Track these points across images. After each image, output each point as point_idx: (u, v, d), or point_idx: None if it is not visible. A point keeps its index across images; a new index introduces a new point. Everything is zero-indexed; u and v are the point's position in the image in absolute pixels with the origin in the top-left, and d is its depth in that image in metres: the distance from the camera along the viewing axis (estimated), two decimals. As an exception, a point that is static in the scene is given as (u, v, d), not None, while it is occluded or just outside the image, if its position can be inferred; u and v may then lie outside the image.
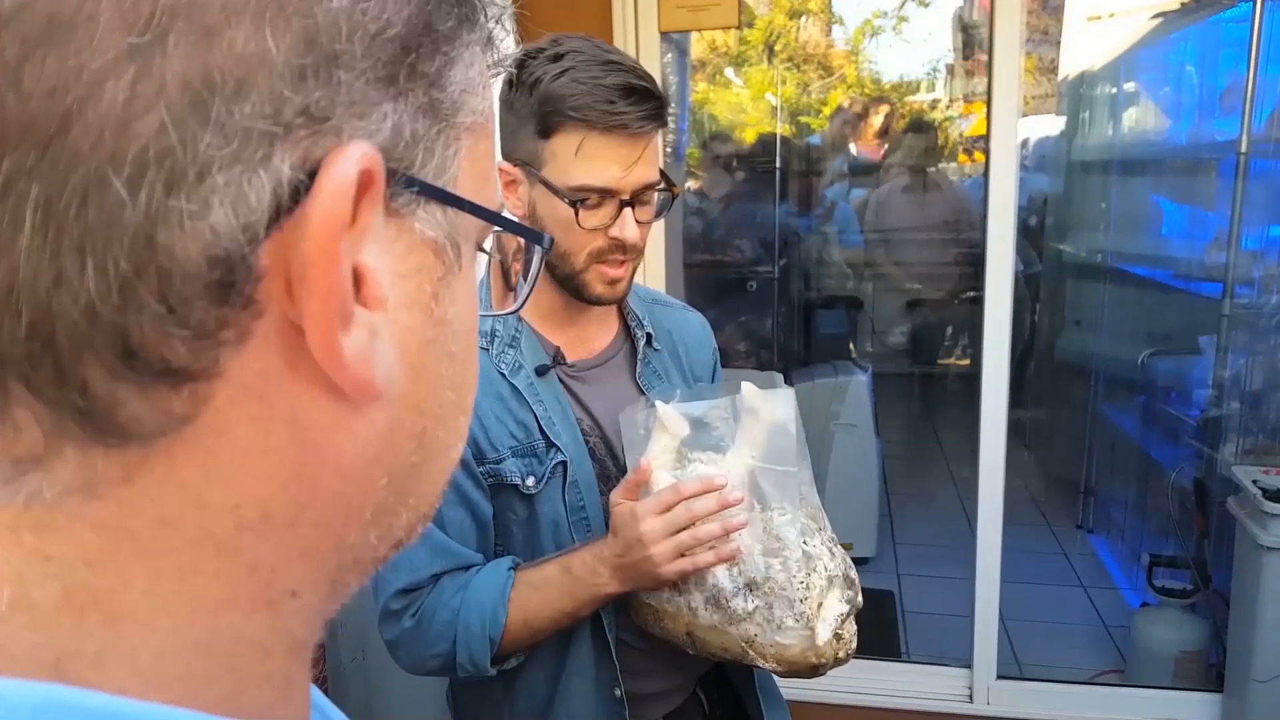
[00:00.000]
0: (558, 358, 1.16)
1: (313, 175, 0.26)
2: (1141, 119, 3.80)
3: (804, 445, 1.11)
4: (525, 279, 0.41)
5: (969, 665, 2.51)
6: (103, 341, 0.24)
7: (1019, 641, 2.87)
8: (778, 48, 6.13)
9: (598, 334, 1.21)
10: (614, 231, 1.06)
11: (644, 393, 1.19)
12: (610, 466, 1.18)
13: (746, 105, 5.90)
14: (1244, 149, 2.71)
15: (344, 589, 0.33)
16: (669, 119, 1.11)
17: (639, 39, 2.40)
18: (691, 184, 4.31)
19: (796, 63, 6.24)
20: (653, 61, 2.43)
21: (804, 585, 1.03)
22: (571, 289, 1.11)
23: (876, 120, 5.68)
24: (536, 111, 1.04)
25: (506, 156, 1.11)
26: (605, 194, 1.05)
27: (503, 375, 1.13)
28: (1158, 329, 3.36)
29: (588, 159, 1.03)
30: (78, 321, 0.24)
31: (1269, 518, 2.23)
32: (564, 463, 1.13)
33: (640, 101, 1.02)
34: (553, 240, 0.39)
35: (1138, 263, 3.52)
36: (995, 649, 2.49)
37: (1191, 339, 3.07)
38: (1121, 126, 3.86)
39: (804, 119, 5.97)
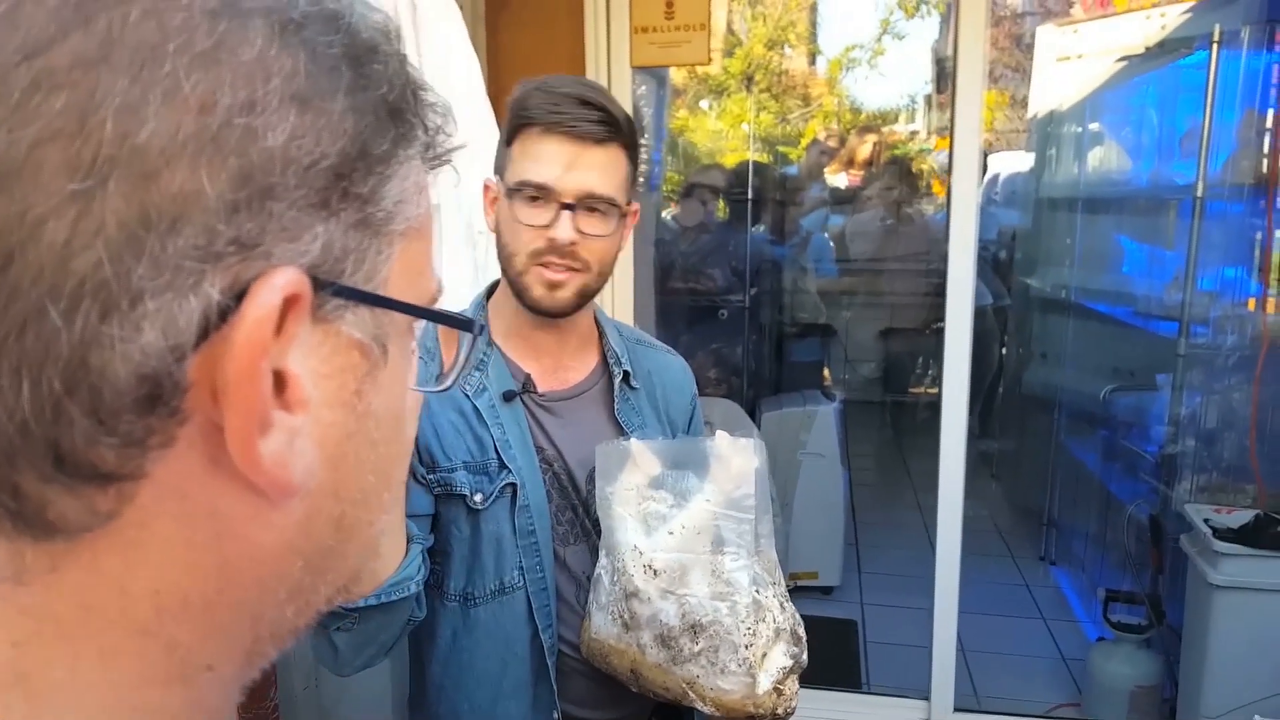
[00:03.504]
0: (527, 385, 1.18)
1: (240, 297, 0.27)
2: (1106, 159, 3.88)
3: (767, 498, 1.11)
4: (456, 363, 0.42)
5: (927, 697, 2.54)
6: (35, 451, 0.26)
7: (979, 673, 2.89)
8: (757, 77, 6.20)
9: (573, 366, 1.22)
10: (550, 232, 1.09)
11: (623, 429, 1.21)
12: (573, 497, 1.19)
13: (725, 133, 5.96)
14: (1200, 193, 2.77)
15: (261, 658, 0.35)
16: (639, 147, 1.15)
17: (611, 73, 2.44)
18: (665, 213, 4.35)
19: (774, 93, 6.32)
20: (624, 95, 2.47)
21: (750, 632, 1.04)
22: (518, 294, 1.14)
23: (863, 150, 5.76)
24: (507, 122, 1.13)
25: (495, 173, 1.17)
26: (543, 190, 1.08)
27: (465, 395, 1.15)
28: (1120, 365, 3.42)
29: (531, 156, 1.09)
30: (12, 435, 0.25)
31: (1219, 556, 2.27)
32: (513, 485, 1.14)
33: (587, 108, 1.08)
34: (484, 326, 0.41)
35: (1100, 299, 3.58)
36: (952, 680, 2.52)
37: (1151, 376, 3.12)
38: (1087, 165, 3.93)
39: (782, 148, 6.04)
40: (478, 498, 1.14)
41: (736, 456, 1.09)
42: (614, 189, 1.11)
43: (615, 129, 1.10)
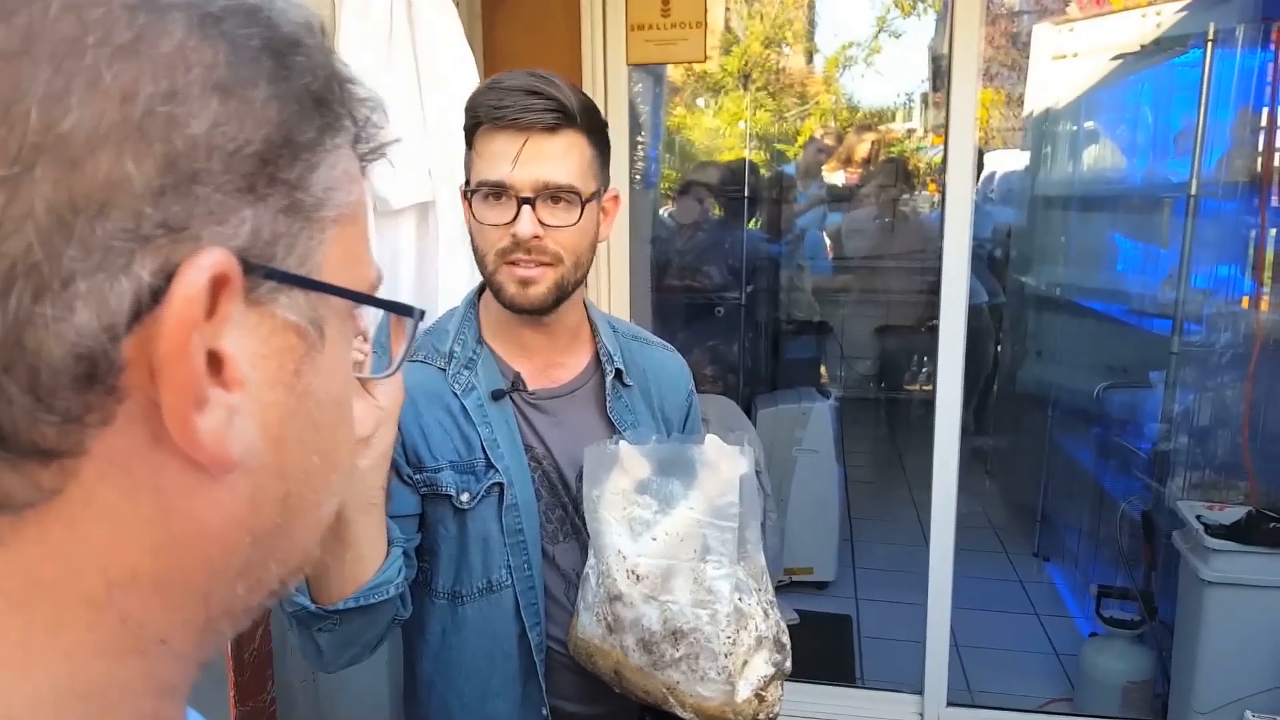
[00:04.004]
0: (516, 384, 1.18)
1: (170, 278, 0.28)
2: (1100, 157, 3.89)
3: (757, 503, 1.10)
4: (405, 349, 0.43)
5: (920, 692, 2.55)
6: None
7: (973, 668, 2.90)
8: (754, 75, 6.21)
9: (565, 364, 1.22)
10: (513, 228, 1.07)
11: (616, 428, 1.20)
12: (563, 495, 1.19)
13: (723, 131, 5.97)
14: (1194, 191, 2.79)
15: (217, 636, 0.36)
16: (604, 130, 1.14)
17: (607, 70, 2.45)
18: (662, 210, 4.36)
19: (771, 91, 6.33)
20: (620, 93, 2.47)
21: (730, 640, 1.04)
22: (495, 294, 1.13)
23: (862, 148, 5.77)
24: (464, 127, 1.12)
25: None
26: (499, 188, 1.07)
27: (454, 394, 1.15)
28: (1114, 362, 3.44)
29: (484, 155, 1.08)
30: None
31: (1211, 553, 2.29)
32: (500, 484, 1.14)
33: (532, 98, 1.06)
34: (423, 313, 0.42)
35: (1094, 297, 3.60)
36: (946, 675, 2.53)
37: (1144, 373, 3.13)
38: (1081, 164, 3.94)
39: (779, 146, 6.05)
40: (464, 497, 1.14)
41: (724, 463, 1.08)
42: (572, 177, 1.09)
43: (566, 115, 1.07)
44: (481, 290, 1.23)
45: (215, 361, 0.30)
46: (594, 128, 1.12)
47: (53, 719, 0.30)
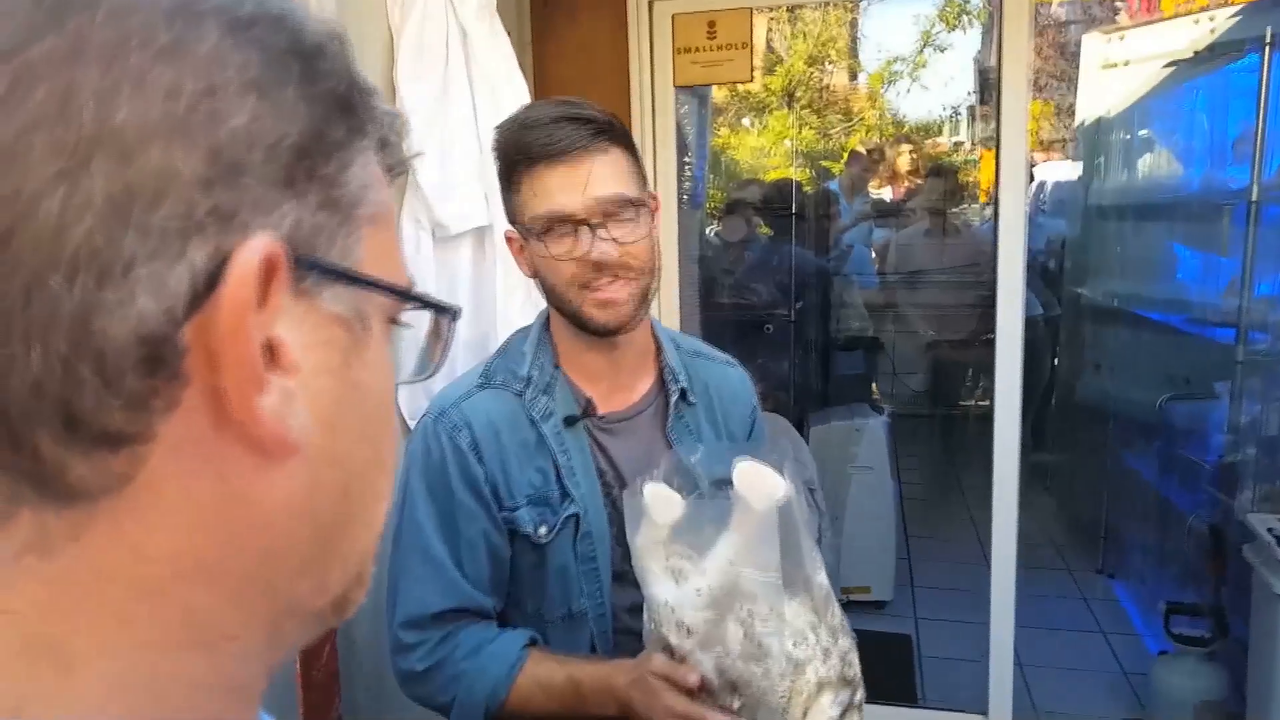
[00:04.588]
0: (587, 409, 1.18)
1: (223, 264, 0.30)
2: (1156, 165, 3.83)
3: (808, 521, 1.05)
4: (442, 351, 0.43)
5: (984, 712, 2.51)
6: (50, 413, 0.28)
7: (1037, 687, 2.84)
8: (798, 94, 6.22)
9: (633, 385, 1.22)
10: (591, 255, 1.08)
11: (672, 448, 1.19)
12: None
13: (768, 150, 5.98)
14: (1254, 197, 2.73)
15: (283, 637, 0.36)
16: (630, 135, 1.16)
17: (654, 92, 2.48)
18: (709, 229, 4.38)
19: (816, 108, 6.33)
20: (667, 114, 2.50)
21: (786, 694, 1.00)
22: (579, 325, 1.13)
23: (902, 160, 5.73)
24: (502, 171, 1.13)
25: (510, 224, 1.17)
26: (565, 220, 1.08)
27: (532, 421, 1.16)
28: (1175, 373, 3.36)
29: (541, 192, 1.09)
30: (27, 397, 0.28)
31: (1284, 566, 2.22)
32: (576, 515, 1.16)
33: (576, 125, 1.07)
34: (458, 311, 0.43)
35: (1153, 307, 3.53)
36: (1010, 694, 2.48)
37: (1208, 384, 3.06)
38: (1136, 172, 3.88)
39: (824, 163, 6.04)
40: (541, 531, 1.15)
41: (761, 495, 1.01)
42: (632, 189, 1.11)
43: (606, 131, 1.09)
44: (549, 316, 1.23)
45: (269, 349, 0.31)
46: (627, 137, 1.14)
47: (123, 712, 0.31)
